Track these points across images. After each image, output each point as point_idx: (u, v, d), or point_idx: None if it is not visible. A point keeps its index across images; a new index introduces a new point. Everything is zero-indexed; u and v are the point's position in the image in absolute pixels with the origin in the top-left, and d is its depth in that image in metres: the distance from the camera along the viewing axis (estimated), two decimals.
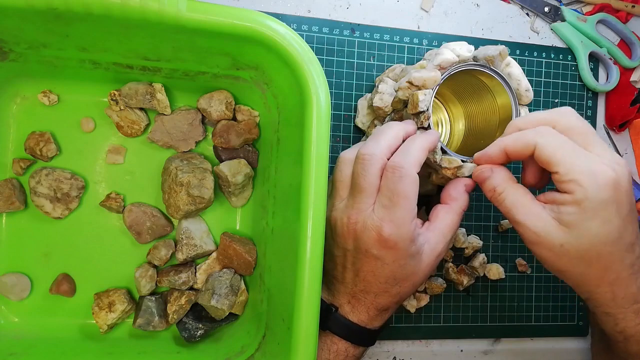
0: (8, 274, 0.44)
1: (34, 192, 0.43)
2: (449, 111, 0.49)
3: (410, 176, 0.36)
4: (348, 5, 0.50)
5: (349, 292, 0.39)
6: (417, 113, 0.39)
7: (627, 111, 0.56)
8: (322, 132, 0.35)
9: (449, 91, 0.47)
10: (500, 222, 0.53)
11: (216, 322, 0.45)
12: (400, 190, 0.35)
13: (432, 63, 0.40)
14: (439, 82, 0.39)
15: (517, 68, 0.40)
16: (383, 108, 0.44)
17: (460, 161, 0.39)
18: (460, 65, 0.39)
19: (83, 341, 0.44)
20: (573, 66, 0.55)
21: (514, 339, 0.54)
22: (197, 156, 0.46)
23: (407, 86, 0.40)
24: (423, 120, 0.39)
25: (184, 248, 0.45)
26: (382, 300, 0.39)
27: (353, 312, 0.39)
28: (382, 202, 0.36)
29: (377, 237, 0.36)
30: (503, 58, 0.40)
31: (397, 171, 0.36)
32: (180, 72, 0.43)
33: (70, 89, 0.44)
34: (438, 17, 0.52)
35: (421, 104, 0.38)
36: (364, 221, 0.37)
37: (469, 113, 0.46)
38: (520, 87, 0.40)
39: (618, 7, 0.56)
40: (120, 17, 0.32)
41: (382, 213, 0.36)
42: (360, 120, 0.48)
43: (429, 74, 0.39)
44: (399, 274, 0.37)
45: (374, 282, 0.38)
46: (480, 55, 0.40)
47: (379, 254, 0.37)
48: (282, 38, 0.35)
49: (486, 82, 0.42)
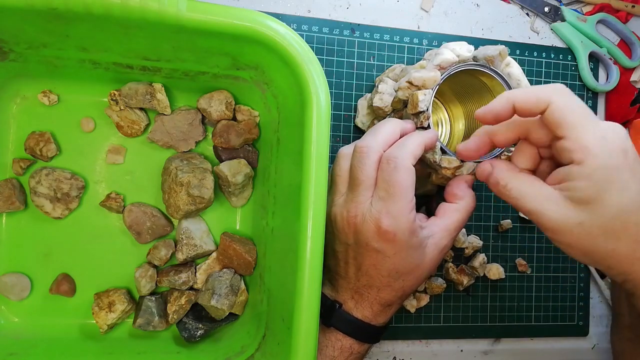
0: (8, 274, 0.44)
1: (34, 192, 0.43)
2: (449, 111, 0.49)
3: (405, 167, 0.35)
4: (348, 5, 0.50)
5: (352, 288, 0.39)
6: (416, 113, 0.39)
7: (627, 111, 0.56)
8: (322, 132, 0.35)
9: (449, 91, 0.47)
10: (500, 222, 0.53)
11: (216, 322, 0.45)
12: (395, 181, 0.35)
13: (432, 63, 0.40)
14: (439, 82, 0.39)
15: (517, 68, 0.40)
16: (383, 108, 0.44)
17: (460, 161, 0.39)
18: (460, 65, 0.39)
19: (83, 341, 0.44)
20: (573, 66, 0.55)
21: (514, 339, 0.54)
22: (197, 156, 0.46)
23: (407, 86, 0.40)
24: (423, 120, 0.39)
25: (184, 248, 0.45)
26: (385, 295, 0.39)
27: (357, 308, 0.39)
28: (379, 194, 0.36)
29: (376, 229, 0.36)
30: (503, 58, 0.40)
31: (392, 162, 0.35)
32: (180, 72, 0.43)
33: (70, 89, 0.44)
34: (438, 17, 0.52)
35: (421, 104, 0.38)
36: (363, 214, 0.37)
37: (469, 113, 0.47)
38: (520, 87, 0.40)
39: (618, 7, 0.56)
40: (120, 17, 0.32)
41: (379, 205, 0.36)
42: (360, 120, 0.48)
43: (429, 74, 0.39)
44: (402, 267, 0.37)
45: (376, 276, 0.38)
46: (480, 55, 0.40)
47: (379, 247, 0.36)
48: (282, 38, 0.35)
49: (486, 82, 0.42)
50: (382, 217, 0.36)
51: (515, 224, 0.54)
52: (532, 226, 0.54)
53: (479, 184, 0.53)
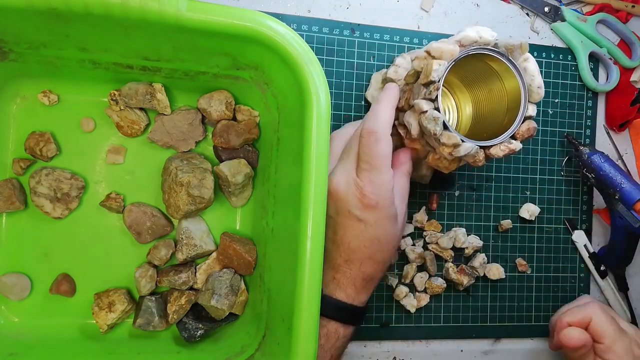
0: (8, 274, 0.44)
1: (34, 192, 0.43)
2: (456, 98, 0.49)
3: (385, 139, 0.38)
4: (348, 5, 0.50)
5: (332, 267, 0.40)
6: (427, 83, 0.39)
7: (627, 111, 0.56)
8: (322, 132, 0.35)
9: (456, 78, 0.47)
10: (500, 222, 0.53)
11: (216, 322, 0.45)
12: (377, 153, 0.38)
13: (454, 38, 0.40)
14: (457, 57, 0.39)
15: (534, 64, 0.40)
16: (395, 80, 0.44)
17: (460, 140, 0.39)
18: (479, 48, 0.39)
19: (83, 341, 0.44)
20: (573, 66, 0.55)
21: (514, 339, 0.54)
22: (197, 156, 0.46)
23: (424, 56, 0.40)
24: (432, 91, 0.39)
25: (184, 248, 0.45)
26: (367, 269, 0.40)
27: (339, 288, 0.40)
28: (362, 166, 0.39)
29: (360, 196, 0.38)
30: (523, 52, 0.40)
31: (373, 135, 0.38)
32: (180, 72, 0.43)
33: (70, 89, 0.44)
34: (438, 17, 0.52)
35: (434, 73, 0.38)
36: (347, 181, 0.39)
37: (477, 99, 0.47)
38: (534, 83, 0.40)
39: (618, 7, 0.56)
40: (120, 17, 0.32)
41: (363, 175, 0.38)
42: (371, 94, 0.48)
43: (448, 46, 0.39)
44: (382, 236, 0.39)
45: (357, 247, 0.39)
46: (502, 43, 0.40)
47: (361, 215, 0.38)
48: (282, 38, 0.35)
49: (495, 67, 0.42)
50: (365, 185, 0.38)
51: (515, 224, 0.54)
52: (532, 226, 0.55)
53: (479, 184, 0.53)
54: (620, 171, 0.50)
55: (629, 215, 0.50)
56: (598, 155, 0.51)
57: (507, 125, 0.41)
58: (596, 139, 0.56)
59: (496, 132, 0.41)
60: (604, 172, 0.51)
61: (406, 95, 0.42)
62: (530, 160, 0.54)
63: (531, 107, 0.41)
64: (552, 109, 0.55)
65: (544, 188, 0.55)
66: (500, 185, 0.54)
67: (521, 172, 0.54)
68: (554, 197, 0.55)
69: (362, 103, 0.50)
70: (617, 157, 0.57)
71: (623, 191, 0.50)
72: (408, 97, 0.42)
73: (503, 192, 0.54)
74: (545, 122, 0.55)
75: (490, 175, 0.53)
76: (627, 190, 0.49)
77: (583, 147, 0.52)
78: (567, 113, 0.55)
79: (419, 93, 0.40)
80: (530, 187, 0.54)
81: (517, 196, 0.54)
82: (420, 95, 0.40)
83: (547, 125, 0.55)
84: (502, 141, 0.40)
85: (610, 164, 0.51)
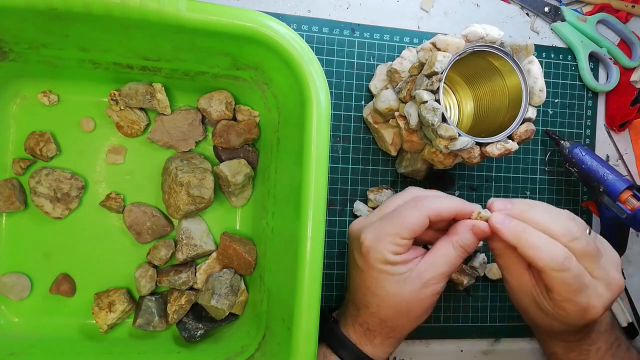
0: (8, 274, 0.44)
1: (34, 192, 0.43)
2: (458, 96, 0.49)
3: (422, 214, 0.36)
4: (348, 5, 0.50)
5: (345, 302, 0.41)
6: (430, 74, 0.39)
7: (627, 111, 0.56)
8: (322, 132, 0.35)
9: (459, 75, 0.48)
10: None
11: (216, 322, 0.45)
12: (403, 214, 0.36)
13: (461, 32, 0.40)
14: (461, 51, 0.39)
15: (537, 67, 0.41)
16: (400, 72, 0.44)
17: (457, 133, 0.39)
18: (483, 45, 0.39)
19: (83, 341, 0.44)
20: (573, 66, 0.55)
21: (514, 339, 0.54)
22: (197, 156, 0.46)
23: (430, 47, 0.40)
24: (434, 82, 0.39)
25: (184, 248, 0.45)
26: (364, 317, 0.39)
27: (344, 325, 0.40)
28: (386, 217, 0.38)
29: (360, 239, 0.37)
30: (528, 54, 0.40)
31: (418, 203, 0.37)
32: (180, 72, 0.43)
33: (70, 89, 0.44)
34: (438, 17, 0.52)
35: (437, 64, 0.38)
36: (361, 227, 0.38)
37: (478, 96, 0.47)
38: (536, 85, 0.40)
39: (618, 7, 0.56)
40: (120, 17, 0.32)
41: (376, 222, 0.37)
42: (374, 85, 0.49)
43: (454, 39, 0.39)
44: (374, 288, 0.37)
45: (353, 290, 0.39)
46: (508, 42, 0.40)
47: (357, 258, 0.38)
48: (282, 38, 0.35)
49: (496, 64, 0.42)
50: (368, 230, 0.37)
51: None
52: None
53: (479, 184, 0.53)
54: (603, 162, 0.50)
55: (615, 207, 0.49)
56: (579, 149, 0.51)
57: (506, 127, 0.41)
58: (596, 139, 0.56)
59: (495, 133, 0.41)
60: (586, 166, 0.50)
61: (408, 87, 0.42)
62: (530, 160, 0.54)
63: (531, 109, 0.41)
64: (552, 109, 0.55)
65: (544, 188, 0.55)
66: (500, 185, 0.54)
67: (521, 172, 0.54)
68: (554, 197, 0.55)
69: (362, 103, 0.50)
70: (617, 157, 0.57)
71: (607, 183, 0.49)
72: (410, 89, 0.42)
73: (503, 192, 0.54)
74: (545, 122, 0.55)
75: (490, 175, 0.53)
76: (611, 182, 0.49)
77: (564, 142, 0.52)
78: (567, 113, 0.55)
79: (421, 84, 0.40)
80: (530, 187, 0.54)
81: (517, 196, 0.54)
82: (422, 86, 0.40)
83: (547, 125, 0.55)
84: (499, 140, 0.40)
85: (592, 156, 0.50)
